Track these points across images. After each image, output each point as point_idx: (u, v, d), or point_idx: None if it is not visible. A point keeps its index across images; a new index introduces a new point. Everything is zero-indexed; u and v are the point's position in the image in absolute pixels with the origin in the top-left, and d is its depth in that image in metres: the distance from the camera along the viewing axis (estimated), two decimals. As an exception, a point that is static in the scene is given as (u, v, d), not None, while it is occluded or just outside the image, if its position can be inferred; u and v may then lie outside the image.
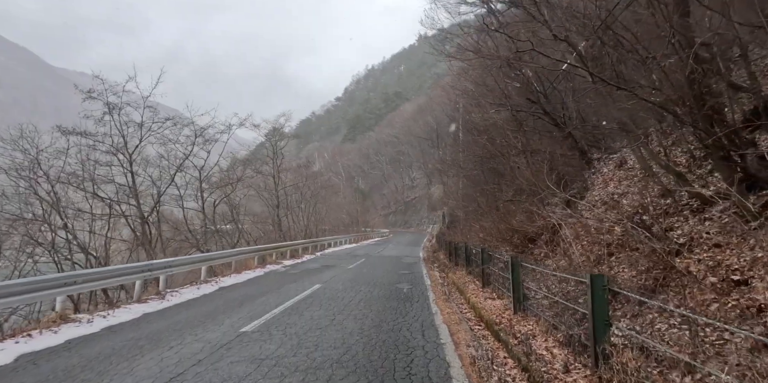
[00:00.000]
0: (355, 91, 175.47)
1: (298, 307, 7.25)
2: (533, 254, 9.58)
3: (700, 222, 4.76)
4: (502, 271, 7.96)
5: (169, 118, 17.75)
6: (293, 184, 33.79)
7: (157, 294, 8.57)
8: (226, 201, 29.97)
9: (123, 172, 17.88)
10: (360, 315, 6.57)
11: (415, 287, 9.90)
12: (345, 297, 8.33)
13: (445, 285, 10.88)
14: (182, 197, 24.48)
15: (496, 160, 12.71)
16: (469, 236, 16.14)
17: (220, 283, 10.53)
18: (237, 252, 12.82)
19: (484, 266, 8.75)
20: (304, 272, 13.10)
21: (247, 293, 9.07)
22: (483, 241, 13.31)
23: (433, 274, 13.01)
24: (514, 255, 6.16)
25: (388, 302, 7.78)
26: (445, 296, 8.66)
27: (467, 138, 16.96)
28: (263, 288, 9.68)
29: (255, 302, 7.88)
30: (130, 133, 17.75)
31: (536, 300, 6.51)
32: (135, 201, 17.73)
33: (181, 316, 6.84)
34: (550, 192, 8.33)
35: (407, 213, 74.53)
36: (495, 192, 12.27)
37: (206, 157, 22.77)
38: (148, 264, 8.58)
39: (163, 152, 21.26)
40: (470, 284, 9.90)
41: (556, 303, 5.52)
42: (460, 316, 6.68)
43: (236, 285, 10.28)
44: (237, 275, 12.04)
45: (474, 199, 16.20)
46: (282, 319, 6.27)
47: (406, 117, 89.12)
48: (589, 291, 3.47)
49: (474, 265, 10.92)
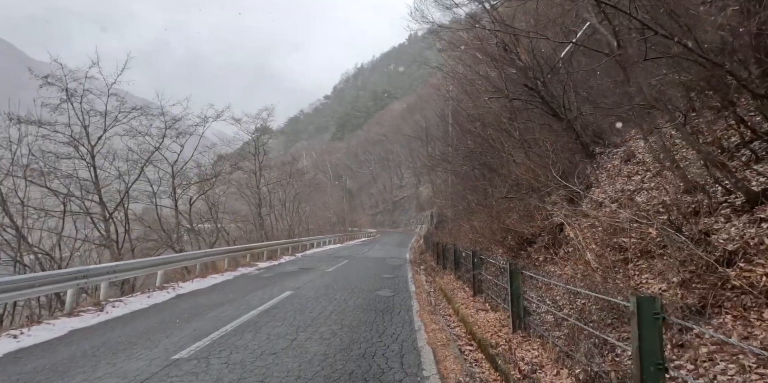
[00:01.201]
0: (345, 90, 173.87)
1: (257, 322, 6.09)
2: (531, 258, 8.56)
3: (753, 223, 3.75)
4: (496, 278, 6.92)
5: (135, 107, 16.34)
6: (276, 182, 32.43)
7: (95, 304, 7.32)
8: (204, 198, 28.58)
9: (85, 165, 16.43)
10: (328, 332, 5.45)
11: (398, 295, 8.81)
12: (315, 307, 7.20)
13: (432, 292, 9.81)
14: (156, 194, 23.06)
15: (488, 154, 11.69)
16: (459, 237, 15.12)
17: (178, 290, 9.30)
18: (202, 254, 11.56)
19: (476, 272, 7.70)
20: (277, 276, 11.91)
21: (205, 302, 7.87)
22: (474, 242, 12.28)
23: (419, 279, 11.94)
24: (512, 262, 5.12)
25: (364, 314, 6.67)
26: (431, 307, 7.58)
27: (458, 132, 15.93)
28: (225, 296, 8.49)
29: (208, 315, 6.69)
30: (93, 123, 16.34)
31: (539, 315, 5.48)
32: (98, 197, 16.29)
33: (113, 334, 5.64)
34: (555, 186, 7.32)
35: (395, 213, 73.55)
36: (487, 188, 11.24)
37: (180, 151, 21.35)
38: (83, 270, 7.32)
39: (133, 145, 19.84)
40: (459, 291, 8.85)
41: (565, 318, 4.49)
42: (448, 334, 5.61)
43: (196, 293, 9.07)
44: (201, 280, 10.81)
45: (464, 197, 15.18)
46: (231, 340, 5.12)
47: (395, 115, 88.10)
48: (634, 321, 2.41)
49: (463, 269, 9.88)
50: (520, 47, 9.69)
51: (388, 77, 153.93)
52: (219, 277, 11.35)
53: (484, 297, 7.43)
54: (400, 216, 70.02)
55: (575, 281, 5.53)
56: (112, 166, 18.86)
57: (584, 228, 6.76)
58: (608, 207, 6.88)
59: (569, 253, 6.65)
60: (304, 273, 12.68)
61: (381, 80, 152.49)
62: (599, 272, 5.13)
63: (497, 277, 6.95)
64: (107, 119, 16.22)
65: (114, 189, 19.26)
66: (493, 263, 7.02)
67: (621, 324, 4.20)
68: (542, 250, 8.07)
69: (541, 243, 8.43)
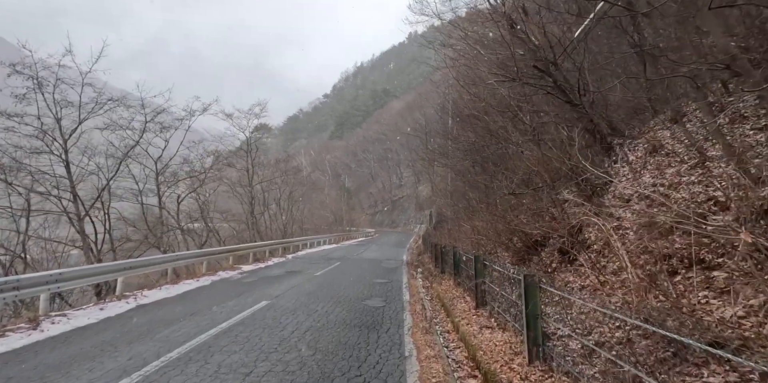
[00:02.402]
0: (344, 88, 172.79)
1: (212, 346, 4.98)
2: (542, 263, 7.45)
3: None
4: (503, 288, 5.83)
5: (111, 98, 15.20)
6: (270, 179, 31.29)
7: (30, 320, 6.21)
8: (194, 196, 27.49)
9: (60, 160, 15.31)
10: (295, 362, 4.34)
11: (389, 305, 7.70)
12: (290, 323, 6.09)
13: (429, 300, 8.72)
14: (141, 192, 21.97)
15: (492, 147, 10.58)
16: (459, 238, 14.02)
17: (140, 299, 8.20)
18: (173, 258, 10.40)
19: (479, 281, 6.59)
20: (259, 281, 10.81)
21: (164, 316, 6.77)
22: (475, 244, 11.19)
23: (415, 285, 10.85)
24: (528, 273, 4.01)
25: (346, 333, 5.56)
26: (426, 322, 6.46)
27: (459, 125, 14.80)
28: (190, 308, 7.38)
29: (159, 334, 5.58)
30: (67, 116, 15.23)
31: (560, 340, 4.37)
32: (72, 194, 15.16)
33: (27, 365, 4.52)
34: (573, 180, 6.21)
35: (394, 212, 72.47)
36: (490, 184, 10.13)
37: (164, 146, 20.23)
38: (14, 279, 6.19)
39: (115, 140, 18.73)
40: (460, 301, 7.74)
41: (596, 349, 3.39)
42: (446, 364, 4.50)
43: (160, 303, 7.95)
44: (172, 286, 9.70)
45: (464, 195, 14.07)
46: (168, 375, 4.01)
47: (394, 114, 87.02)
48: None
49: (464, 275, 8.78)
50: (530, 25, 8.58)
51: (387, 76, 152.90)
52: (193, 283, 10.24)
53: (488, 310, 6.32)
54: (399, 215, 68.97)
55: (603, 296, 4.43)
56: (92, 162, 17.79)
57: (610, 229, 5.66)
58: (638, 205, 5.78)
59: (592, 259, 5.55)
60: (290, 277, 11.57)
61: (381, 79, 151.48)
62: (639, 285, 4.03)
63: (505, 287, 5.85)
64: (82, 111, 15.11)
65: (93, 186, 18.16)
66: (501, 271, 5.91)
67: (681, 361, 3.10)
68: (555, 255, 6.96)
69: (553, 246, 7.32)
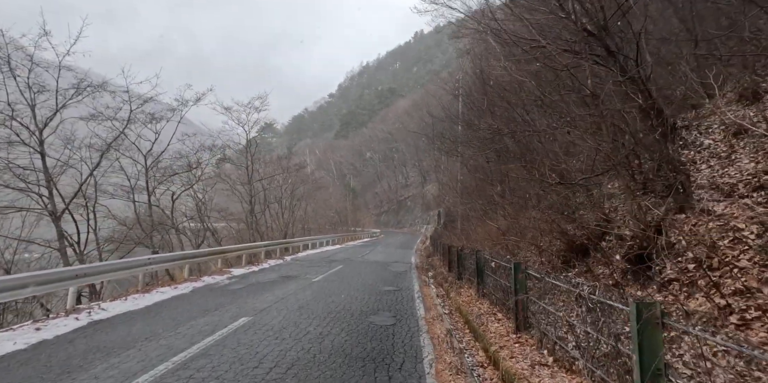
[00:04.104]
0: (349, 88, 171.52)
1: (150, 393, 3.46)
2: (591, 273, 5.87)
3: None
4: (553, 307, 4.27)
5: (91, 84, 13.76)
6: (271, 176, 29.80)
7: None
8: (191, 194, 26.14)
9: (34, 151, 13.91)
10: (263, 431, 2.80)
11: (401, 323, 6.14)
12: (270, 353, 4.55)
13: (447, 315, 7.15)
14: (133, 188, 20.62)
15: (523, 133, 8.96)
16: (476, 239, 12.44)
17: (97, 313, 6.69)
18: (142, 262, 8.75)
19: (520, 297, 5.01)
20: (247, 289, 9.29)
21: (111, 340, 5.26)
22: (496, 246, 9.61)
23: (428, 293, 9.29)
24: (640, 301, 2.45)
25: (343, 370, 4.01)
26: (453, 352, 4.87)
27: (476, 113, 13.18)
28: (150, 327, 5.87)
29: (84, 375, 4.07)
30: (43, 104, 13.83)
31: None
32: (47, 190, 13.76)
33: None
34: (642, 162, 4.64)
35: (400, 212, 70.93)
36: (521, 176, 8.52)
37: (155, 138, 18.79)
38: None
39: (102, 132, 17.33)
40: (489, 318, 6.16)
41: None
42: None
43: (116, 320, 6.43)
44: (142, 296, 8.20)
45: (482, 191, 12.47)
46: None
47: (400, 113, 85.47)
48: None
49: (491, 284, 7.21)
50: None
51: (393, 75, 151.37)
52: (169, 292, 8.74)
53: (536, 336, 4.73)
54: (405, 216, 67.42)
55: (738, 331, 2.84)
56: (76, 155, 16.40)
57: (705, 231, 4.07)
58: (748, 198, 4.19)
59: (689, 271, 3.94)
60: (284, 284, 10.05)
61: (386, 78, 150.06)
62: None
63: (568, 307, 4.29)
64: (60, 98, 13.70)
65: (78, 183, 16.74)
66: (558, 286, 4.32)
67: None
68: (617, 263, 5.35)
69: (608, 251, 5.71)
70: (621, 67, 6.96)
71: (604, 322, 3.12)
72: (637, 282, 4.90)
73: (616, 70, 7.02)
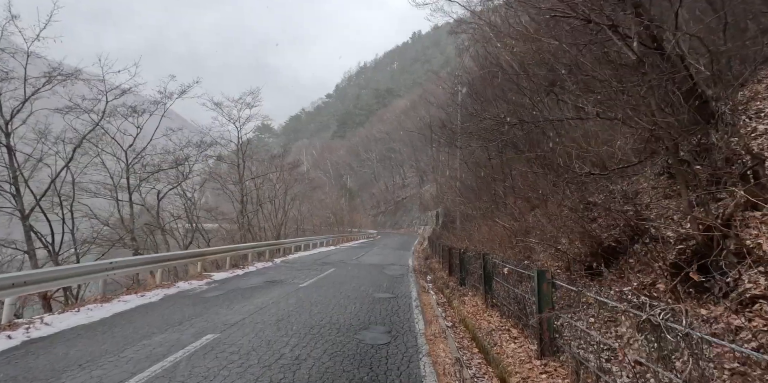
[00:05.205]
0: (347, 88, 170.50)
1: None
2: (624, 279, 4.87)
3: None
4: (581, 323, 3.27)
5: (61, 72, 12.70)
6: (263, 175, 28.73)
7: None
8: (180, 192, 25.06)
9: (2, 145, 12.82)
10: None
11: (397, 341, 5.12)
12: (228, 387, 3.53)
13: (451, 329, 6.13)
14: (116, 186, 19.52)
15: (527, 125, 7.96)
16: (479, 240, 11.45)
17: (36, 330, 5.64)
18: (103, 267, 7.65)
19: (545, 314, 4.00)
20: (224, 296, 8.25)
21: (38, 368, 4.22)
22: (501, 248, 8.63)
23: (428, 302, 8.27)
24: None
25: (320, 417, 2.99)
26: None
27: (479, 104, 12.18)
28: (93, 348, 4.83)
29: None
30: (10, 95, 12.76)
31: None
32: (14, 187, 12.67)
33: None
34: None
35: (397, 213, 69.87)
36: (531, 170, 7.52)
37: (137, 133, 17.70)
38: None
39: (79, 126, 16.25)
40: (503, 335, 5.14)
41: None
42: None
43: (56, 338, 5.38)
44: (100, 306, 7.14)
45: (486, 187, 11.47)
46: None
47: (397, 113, 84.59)
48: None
49: (501, 294, 6.22)
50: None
51: (391, 75, 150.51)
52: (134, 300, 7.68)
53: (568, 364, 3.72)
54: (403, 216, 66.39)
55: None
56: (51, 150, 15.32)
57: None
58: None
59: None
60: (267, 290, 9.01)
61: (384, 78, 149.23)
62: None
63: (605, 327, 3.30)
64: (28, 87, 12.63)
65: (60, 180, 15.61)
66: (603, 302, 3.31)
67: None
68: (661, 271, 4.34)
69: (644, 255, 4.71)
70: (655, 40, 5.97)
71: (695, 364, 2.12)
72: (691, 296, 3.89)
73: (650, 46, 6.03)
